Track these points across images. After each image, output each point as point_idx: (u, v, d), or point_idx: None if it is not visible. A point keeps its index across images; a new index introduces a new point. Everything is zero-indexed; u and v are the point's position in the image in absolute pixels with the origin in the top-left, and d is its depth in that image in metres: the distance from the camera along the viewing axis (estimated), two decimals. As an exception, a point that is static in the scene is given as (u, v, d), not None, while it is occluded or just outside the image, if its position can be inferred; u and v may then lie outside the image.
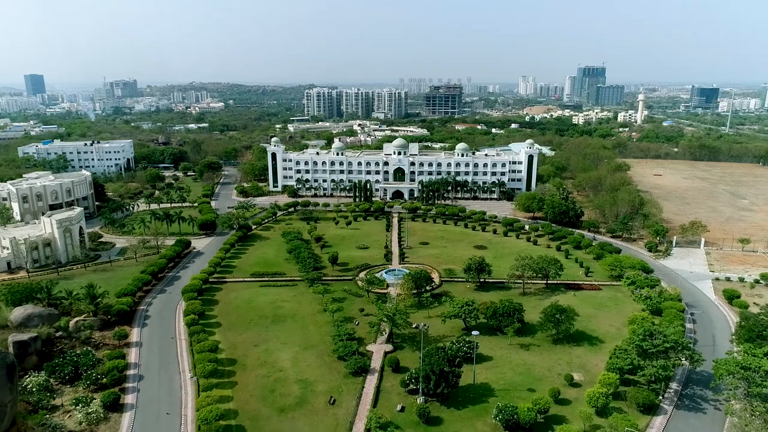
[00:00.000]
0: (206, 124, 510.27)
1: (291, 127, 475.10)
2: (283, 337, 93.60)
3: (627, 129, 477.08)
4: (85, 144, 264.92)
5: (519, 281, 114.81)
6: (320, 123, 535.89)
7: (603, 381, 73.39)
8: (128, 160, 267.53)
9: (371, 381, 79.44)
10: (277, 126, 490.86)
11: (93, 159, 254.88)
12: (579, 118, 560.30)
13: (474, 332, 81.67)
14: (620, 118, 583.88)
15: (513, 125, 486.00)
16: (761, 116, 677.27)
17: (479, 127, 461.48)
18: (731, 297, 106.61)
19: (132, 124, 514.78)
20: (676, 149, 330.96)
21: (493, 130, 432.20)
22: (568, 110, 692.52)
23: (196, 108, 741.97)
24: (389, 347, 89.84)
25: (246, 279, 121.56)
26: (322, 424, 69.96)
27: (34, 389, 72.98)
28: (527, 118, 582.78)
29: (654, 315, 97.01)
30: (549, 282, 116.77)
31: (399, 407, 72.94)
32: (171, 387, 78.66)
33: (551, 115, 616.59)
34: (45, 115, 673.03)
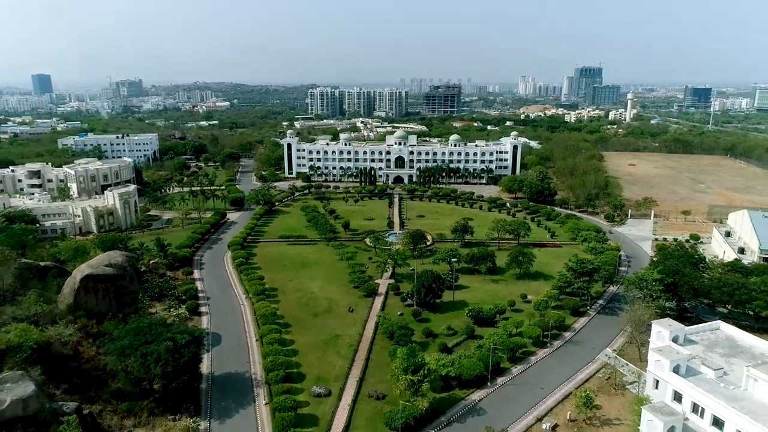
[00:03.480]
0: (216, 122, 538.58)
1: (297, 125, 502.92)
2: (311, 275, 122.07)
3: (615, 126, 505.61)
4: (117, 137, 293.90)
5: (495, 240, 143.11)
6: (324, 121, 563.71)
7: (546, 294, 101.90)
8: (154, 151, 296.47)
9: (378, 300, 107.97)
10: (284, 123, 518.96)
11: (124, 150, 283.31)
12: (571, 117, 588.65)
13: (453, 259, 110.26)
14: (611, 116, 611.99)
15: (508, 123, 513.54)
16: (749, 115, 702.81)
17: (476, 124, 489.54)
18: (661, 249, 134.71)
19: (147, 121, 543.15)
20: (655, 144, 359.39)
21: (489, 127, 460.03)
22: (562, 109, 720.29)
23: (203, 107, 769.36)
24: (392, 281, 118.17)
25: (275, 240, 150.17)
26: (345, 322, 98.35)
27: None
28: (522, 117, 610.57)
29: (596, 256, 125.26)
30: (520, 242, 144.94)
31: (399, 313, 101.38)
32: (231, 302, 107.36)
33: (545, 114, 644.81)
34: (56, 113, 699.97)
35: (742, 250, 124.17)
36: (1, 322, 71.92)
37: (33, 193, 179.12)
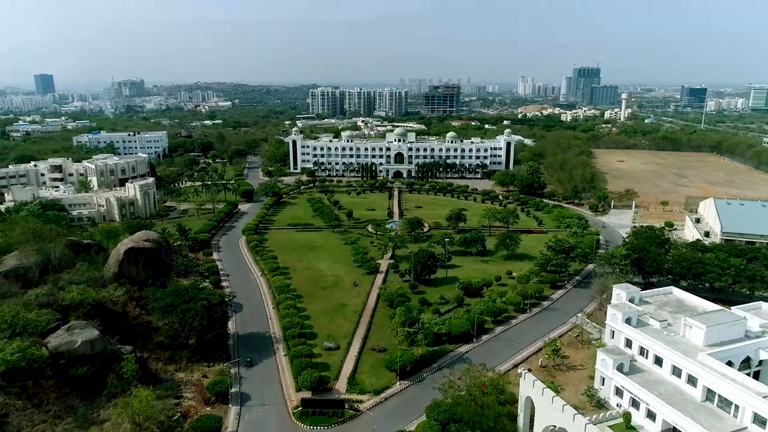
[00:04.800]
0: (219, 121, 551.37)
1: (299, 123, 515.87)
2: (318, 257, 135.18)
3: (610, 125, 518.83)
4: (129, 134, 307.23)
5: (486, 228, 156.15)
6: (325, 120, 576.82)
7: (529, 270, 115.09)
8: (164, 149, 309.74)
9: (380, 276, 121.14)
10: (287, 123, 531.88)
11: (136, 147, 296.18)
12: (567, 116, 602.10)
13: (446, 239, 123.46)
14: (606, 115, 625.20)
15: (505, 122, 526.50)
16: (743, 114, 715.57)
17: (473, 123, 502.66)
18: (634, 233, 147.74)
19: (152, 120, 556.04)
20: (645, 141, 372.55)
21: (486, 126, 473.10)
22: (559, 109, 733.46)
23: (206, 107, 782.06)
24: (392, 261, 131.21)
25: (284, 227, 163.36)
26: (350, 294, 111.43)
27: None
28: (520, 116, 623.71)
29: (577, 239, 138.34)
30: (509, 229, 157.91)
31: (398, 286, 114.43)
32: (249, 278, 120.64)
33: (542, 113, 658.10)
34: (61, 113, 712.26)
35: (707, 234, 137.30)
36: (61, 285, 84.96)
37: (57, 186, 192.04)
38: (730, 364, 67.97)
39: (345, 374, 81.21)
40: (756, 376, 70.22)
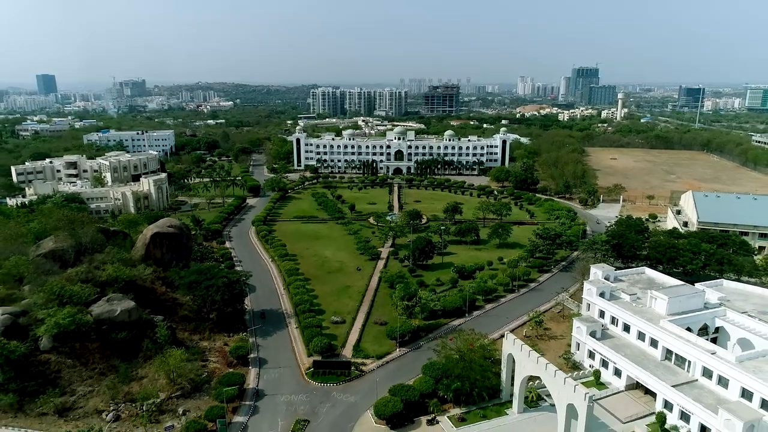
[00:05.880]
0: (222, 121, 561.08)
1: (301, 123, 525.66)
2: (324, 245, 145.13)
3: (606, 124, 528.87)
4: (137, 133, 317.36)
5: (481, 220, 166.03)
6: (326, 120, 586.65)
7: (518, 255, 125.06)
8: (171, 147, 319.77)
9: (381, 262, 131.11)
10: (288, 122, 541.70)
11: (144, 145, 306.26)
12: (564, 116, 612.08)
13: (442, 227, 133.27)
14: (603, 115, 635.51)
15: (503, 121, 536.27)
16: (739, 114, 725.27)
17: (472, 123, 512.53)
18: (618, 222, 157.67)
19: (156, 120, 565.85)
20: (639, 140, 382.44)
21: (484, 126, 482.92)
22: (557, 108, 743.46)
23: (207, 107, 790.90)
24: (392, 249, 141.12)
25: (290, 219, 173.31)
26: (354, 277, 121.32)
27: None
28: (518, 116, 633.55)
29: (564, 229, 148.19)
30: (502, 220, 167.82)
31: (398, 270, 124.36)
32: (260, 263, 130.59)
33: (540, 113, 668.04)
34: (64, 112, 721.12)
35: (686, 224, 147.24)
36: (95, 265, 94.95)
37: (74, 182, 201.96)
38: (689, 330, 78.01)
39: (351, 343, 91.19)
40: (714, 342, 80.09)
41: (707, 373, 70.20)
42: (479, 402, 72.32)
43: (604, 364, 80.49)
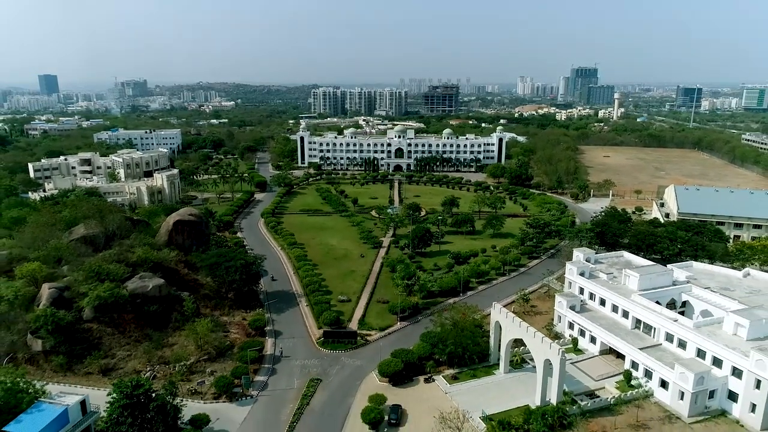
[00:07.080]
0: (225, 120, 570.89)
1: (302, 122, 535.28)
2: (329, 235, 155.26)
3: (602, 124, 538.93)
4: (146, 132, 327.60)
5: (477, 213, 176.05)
6: (327, 119, 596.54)
7: (510, 244, 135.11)
8: (178, 145, 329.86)
9: (383, 250, 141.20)
10: (290, 121, 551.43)
11: (152, 144, 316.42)
12: (562, 115, 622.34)
13: (439, 217, 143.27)
14: (600, 114, 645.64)
15: (502, 121, 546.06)
16: (735, 114, 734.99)
17: (471, 122, 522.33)
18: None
19: (161, 119, 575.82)
20: (633, 139, 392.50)
21: (483, 125, 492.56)
22: (555, 108, 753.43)
23: (209, 106, 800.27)
24: (393, 238, 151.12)
25: (297, 212, 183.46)
26: (358, 263, 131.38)
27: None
28: (517, 115, 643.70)
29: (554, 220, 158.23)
30: (497, 213, 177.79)
31: (398, 257, 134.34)
32: (270, 251, 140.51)
33: (538, 113, 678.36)
34: (68, 112, 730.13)
35: (668, 215, 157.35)
36: (125, 248, 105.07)
37: (91, 177, 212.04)
38: (658, 303, 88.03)
39: (356, 318, 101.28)
40: (682, 315, 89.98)
41: (669, 337, 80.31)
42: (470, 364, 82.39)
43: (582, 333, 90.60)
